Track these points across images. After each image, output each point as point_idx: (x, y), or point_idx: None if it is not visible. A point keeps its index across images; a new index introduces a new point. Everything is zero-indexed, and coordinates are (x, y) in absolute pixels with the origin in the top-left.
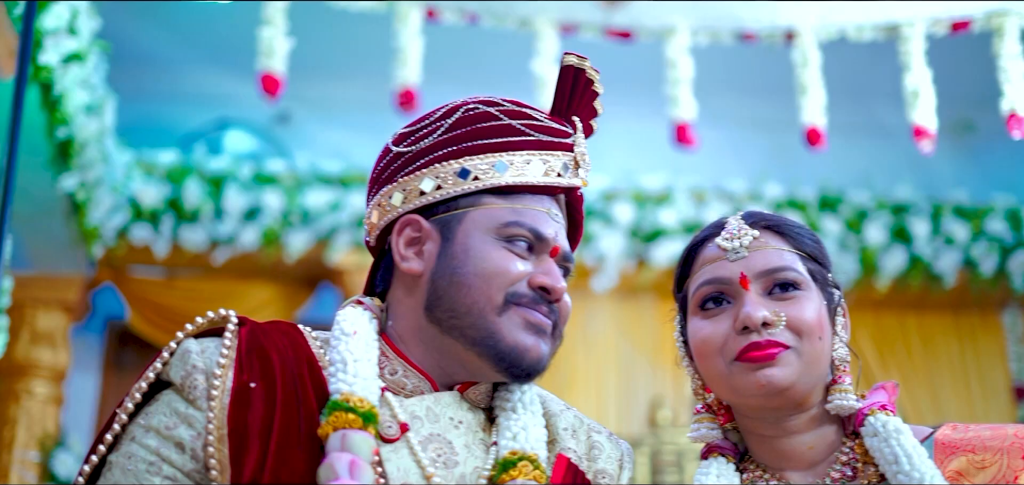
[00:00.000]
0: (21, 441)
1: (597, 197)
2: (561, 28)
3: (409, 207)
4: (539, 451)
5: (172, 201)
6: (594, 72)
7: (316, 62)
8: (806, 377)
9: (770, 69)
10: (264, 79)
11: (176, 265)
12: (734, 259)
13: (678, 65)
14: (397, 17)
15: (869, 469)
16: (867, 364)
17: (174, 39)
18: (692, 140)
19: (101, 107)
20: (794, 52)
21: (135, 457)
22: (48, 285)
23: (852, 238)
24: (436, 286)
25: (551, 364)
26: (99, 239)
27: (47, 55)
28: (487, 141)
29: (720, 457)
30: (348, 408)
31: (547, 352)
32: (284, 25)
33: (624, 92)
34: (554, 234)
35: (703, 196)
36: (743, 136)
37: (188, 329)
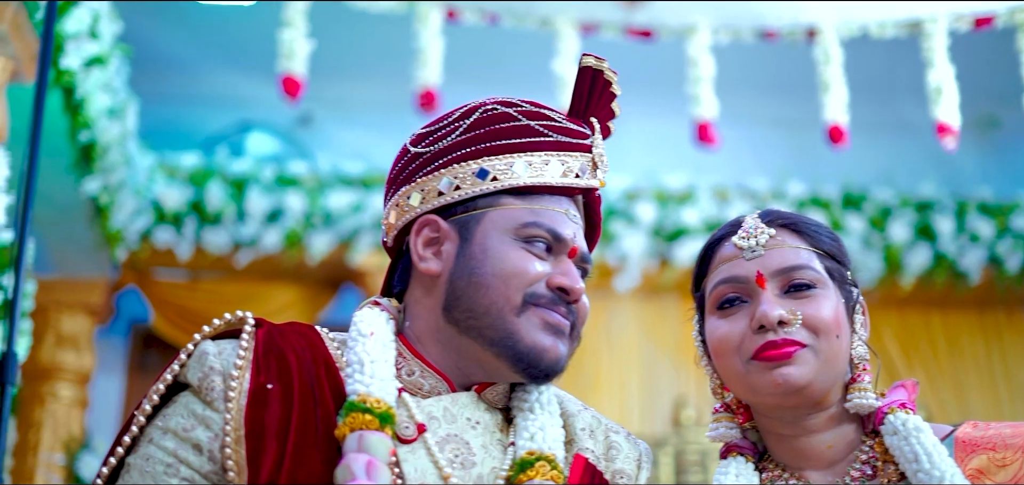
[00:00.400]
0: (46, 444)
1: (619, 197)
2: (581, 28)
3: (427, 207)
4: (557, 451)
5: (195, 204)
6: (612, 73)
7: (338, 64)
8: (823, 376)
9: (792, 67)
10: (285, 81)
11: (199, 268)
12: (750, 258)
13: (699, 64)
14: (417, 18)
15: (889, 468)
16: (892, 363)
17: (196, 42)
18: (714, 139)
19: (123, 110)
20: (816, 50)
21: (153, 459)
22: (72, 288)
23: (876, 236)
24: (454, 286)
25: (574, 365)
26: (122, 242)
27: (69, 59)
28: (506, 142)
29: (739, 457)
30: (365, 409)
31: (565, 353)
32: (304, 27)
33: (646, 91)
34: (572, 235)
35: (726, 195)
36: (765, 134)
37: (205, 331)
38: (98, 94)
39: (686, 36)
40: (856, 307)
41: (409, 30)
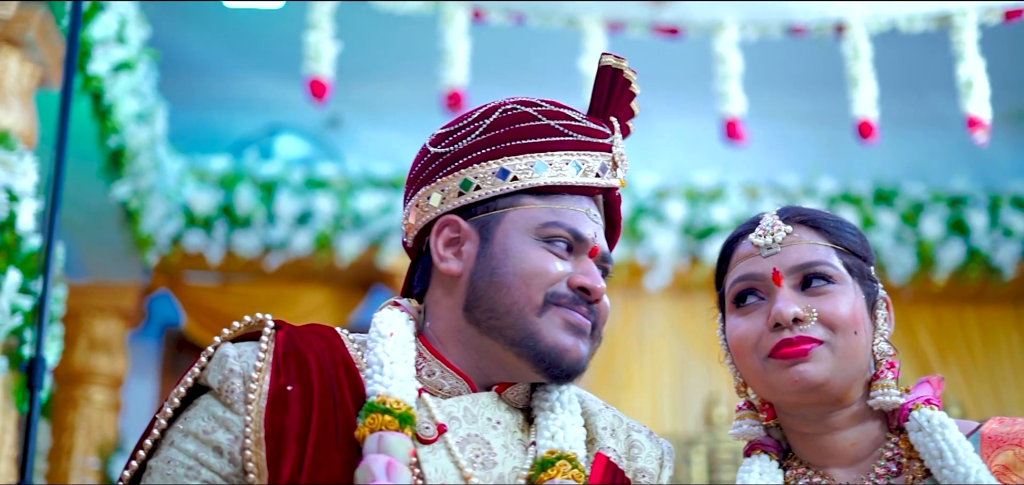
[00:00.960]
0: (80, 448)
1: (649, 195)
2: (608, 26)
3: (448, 207)
4: (578, 450)
5: (225, 207)
6: (631, 72)
7: (366, 66)
8: (842, 372)
9: (823, 62)
10: (312, 84)
11: (230, 271)
12: (767, 255)
13: (727, 61)
14: (443, 18)
15: (914, 465)
16: (926, 360)
17: (224, 46)
18: (742, 136)
19: (152, 115)
20: (844, 45)
21: (174, 461)
22: (104, 293)
23: (908, 231)
24: (475, 286)
25: (605, 364)
26: (153, 246)
27: (97, 64)
28: (526, 141)
29: (763, 455)
30: (384, 410)
31: (586, 353)
32: (331, 29)
33: (675, 89)
34: (593, 234)
35: (756, 192)
36: (796, 130)
37: (225, 334)
38: (126, 99)
39: (713, 33)
40: (878, 303)
41: (436, 31)
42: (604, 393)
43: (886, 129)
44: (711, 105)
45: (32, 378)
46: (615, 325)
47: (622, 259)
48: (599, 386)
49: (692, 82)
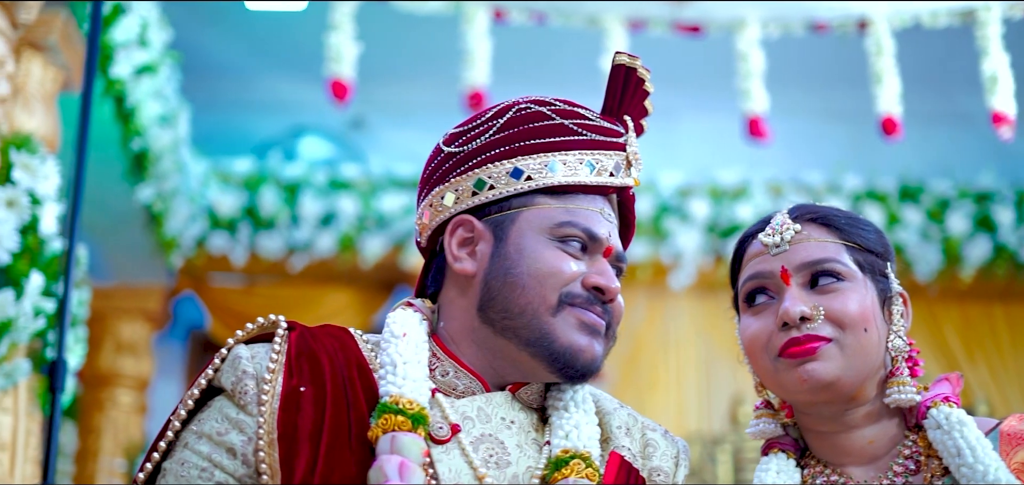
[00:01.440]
0: (107, 450)
1: (673, 193)
2: (629, 25)
3: (461, 207)
4: (592, 449)
5: (248, 209)
6: (645, 71)
7: (389, 66)
8: (852, 370)
9: (847, 59)
10: (334, 85)
11: (255, 273)
12: (775, 253)
13: (749, 58)
14: (464, 18)
15: (933, 462)
16: (954, 357)
17: (247, 48)
18: (765, 133)
19: (175, 118)
20: (867, 41)
21: (188, 463)
22: (129, 295)
23: (934, 228)
24: (489, 286)
25: (631, 364)
26: (178, 249)
27: (119, 67)
28: (539, 141)
29: (780, 453)
30: (397, 410)
31: (601, 352)
32: (352, 30)
33: (699, 87)
34: (607, 234)
35: (780, 190)
36: (821, 127)
37: (238, 335)
38: (149, 102)
39: (735, 30)
40: (894, 299)
41: (459, 31)
42: (629, 392)
43: (911, 125)
44: (735, 103)
45: (54, 380)
46: (639, 324)
47: (646, 258)
48: (624, 385)
49: (716, 80)
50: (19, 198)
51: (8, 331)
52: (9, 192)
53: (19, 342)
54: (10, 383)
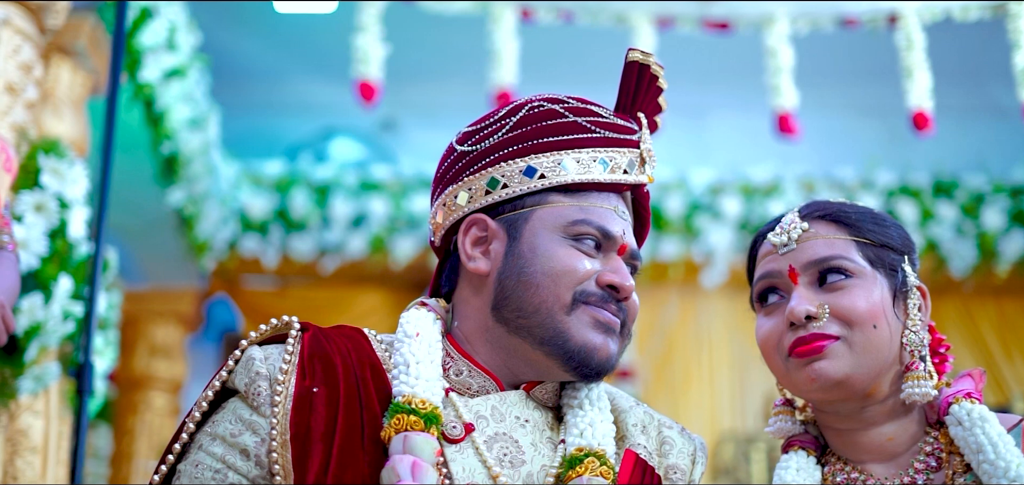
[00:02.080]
0: (141, 452)
1: (704, 191)
2: (657, 22)
3: (475, 206)
4: (607, 447)
5: (280, 211)
6: (658, 67)
7: (419, 67)
8: (862, 367)
9: (879, 54)
10: (361, 87)
11: (287, 274)
12: (784, 252)
13: (778, 54)
14: (491, 18)
15: (955, 459)
16: (990, 353)
17: (278, 51)
18: (795, 129)
19: (204, 121)
20: (898, 35)
21: (202, 465)
22: (162, 299)
23: (969, 223)
24: (503, 286)
25: (664, 362)
26: (209, 251)
27: (147, 71)
28: (553, 139)
29: (800, 451)
30: (410, 410)
31: (615, 351)
32: (379, 31)
33: (730, 84)
34: (621, 232)
35: (812, 186)
36: (854, 123)
37: (252, 337)
38: (178, 106)
39: (764, 27)
40: (910, 294)
41: (486, 31)
42: (663, 392)
43: (945, 120)
44: (767, 100)
45: (81, 383)
46: (672, 323)
47: (678, 256)
48: (658, 385)
49: (747, 77)
50: (47, 202)
51: (37, 335)
52: (38, 196)
53: (49, 346)
54: (40, 387)
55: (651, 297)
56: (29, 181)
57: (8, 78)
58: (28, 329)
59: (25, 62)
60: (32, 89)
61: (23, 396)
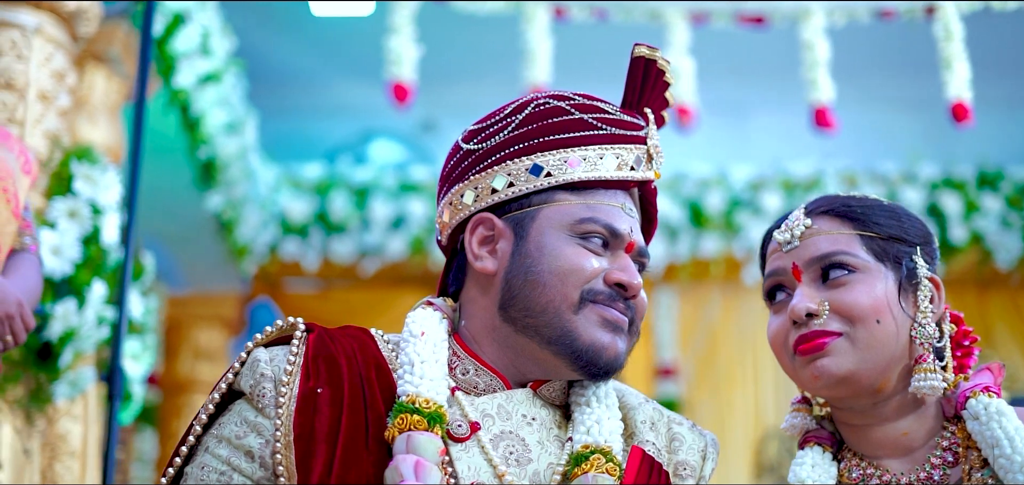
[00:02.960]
0: None
1: (744, 187)
2: (692, 18)
3: (481, 205)
4: (614, 444)
5: (320, 214)
6: (665, 62)
7: (458, 67)
8: (867, 363)
9: (922, 46)
10: (395, 88)
11: (327, 277)
12: (787, 250)
13: (814, 47)
14: (524, 18)
15: (972, 454)
16: None
17: (316, 54)
18: (832, 123)
19: (241, 125)
20: (936, 26)
21: (207, 467)
22: (205, 303)
23: (1014, 215)
24: (510, 285)
25: (707, 360)
26: (250, 255)
27: (182, 77)
28: (559, 136)
29: (816, 447)
30: (413, 409)
31: (624, 349)
32: (412, 32)
33: (770, 80)
34: (629, 229)
35: (854, 180)
36: (897, 116)
37: (257, 338)
38: (214, 110)
39: (799, 20)
40: (920, 286)
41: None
42: (706, 389)
43: (989, 111)
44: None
45: (111, 388)
46: (715, 320)
47: (719, 253)
48: (701, 383)
49: (788, 72)
50: (81, 208)
51: (71, 340)
52: (71, 203)
53: (83, 351)
54: (76, 392)
55: (693, 295)
56: (62, 188)
57: (41, 86)
58: (62, 335)
59: (57, 70)
60: (65, 97)
61: (59, 401)
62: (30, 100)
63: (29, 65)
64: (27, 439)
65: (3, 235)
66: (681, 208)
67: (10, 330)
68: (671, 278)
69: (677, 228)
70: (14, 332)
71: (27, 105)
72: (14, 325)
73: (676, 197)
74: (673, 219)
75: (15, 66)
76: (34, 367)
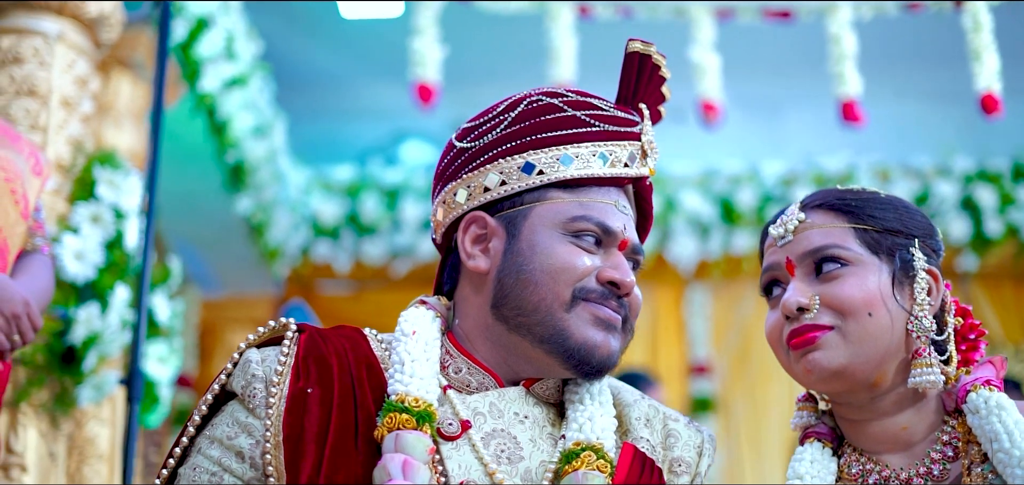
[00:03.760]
0: None
1: (776, 182)
2: (718, 14)
3: (474, 204)
4: (605, 441)
5: (351, 216)
6: (660, 57)
7: (486, 67)
8: (860, 357)
9: (955, 38)
10: (419, 89)
11: (360, 279)
12: (781, 245)
13: (841, 41)
14: (549, 16)
15: (973, 449)
16: None
17: (346, 57)
18: (859, 117)
19: (269, 128)
20: (964, 17)
21: (199, 468)
22: (239, 306)
23: None
24: (503, 284)
25: (742, 356)
26: (281, 258)
27: (207, 81)
28: (551, 134)
29: (816, 442)
30: (402, 408)
31: (617, 348)
32: (436, 33)
33: (803, 75)
34: (622, 227)
35: (887, 174)
36: (930, 109)
37: (250, 339)
38: (241, 114)
39: (826, 14)
40: (916, 279)
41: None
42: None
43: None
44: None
45: (130, 391)
46: (748, 317)
47: (751, 249)
48: (735, 380)
49: (819, 66)
50: (103, 213)
51: (95, 344)
52: (94, 208)
53: (107, 355)
54: (100, 396)
55: (726, 292)
56: (85, 193)
57: (64, 93)
58: (86, 339)
59: (80, 76)
60: (88, 102)
61: (83, 405)
62: (53, 106)
63: (52, 72)
64: (52, 442)
65: (12, 236)
66: (713, 205)
67: (17, 330)
68: (703, 275)
69: (709, 225)
70: (21, 332)
71: (50, 111)
72: (21, 324)
73: (708, 194)
74: (705, 216)
75: (38, 73)
76: (58, 371)
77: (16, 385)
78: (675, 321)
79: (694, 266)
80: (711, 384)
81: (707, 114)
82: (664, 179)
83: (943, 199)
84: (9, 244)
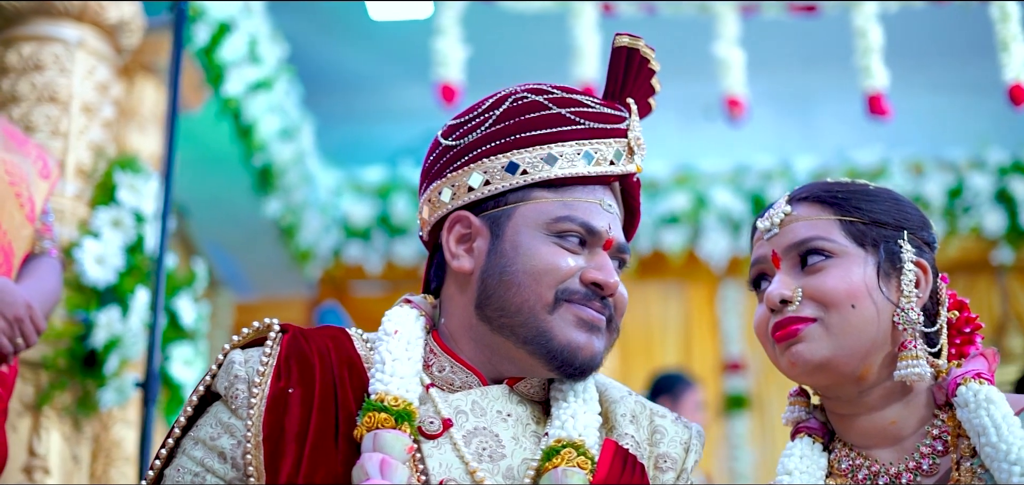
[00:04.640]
0: None
1: (808, 178)
2: (742, 10)
3: (458, 203)
4: (587, 437)
5: (382, 218)
6: (648, 50)
7: (510, 66)
8: (844, 349)
9: (986, 29)
10: (442, 89)
11: (392, 279)
12: (768, 238)
13: (867, 34)
14: (572, 15)
15: (962, 443)
16: None
17: (374, 58)
18: (886, 110)
19: (296, 131)
20: (991, 8)
21: (183, 469)
22: (272, 308)
23: None
24: (486, 284)
25: None
26: (313, 260)
27: (231, 85)
28: (535, 133)
29: (807, 437)
30: (381, 407)
31: (601, 349)
32: (458, 33)
33: (835, 68)
34: (607, 226)
35: (921, 167)
36: (964, 101)
37: (234, 340)
38: (267, 117)
39: (851, 7)
40: (904, 271)
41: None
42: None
43: None
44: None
45: (147, 394)
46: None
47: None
48: (768, 377)
49: (850, 60)
50: (124, 217)
51: (116, 347)
52: (114, 212)
53: (129, 358)
54: (122, 399)
55: None
56: (106, 197)
57: (84, 98)
58: (107, 342)
59: (101, 82)
60: (108, 108)
61: (105, 408)
62: (74, 112)
63: (72, 78)
64: (75, 446)
65: (17, 239)
66: (744, 201)
67: (20, 333)
68: (735, 272)
69: (740, 221)
70: (24, 334)
71: (71, 117)
72: (24, 327)
73: (739, 190)
74: (736, 212)
75: (58, 80)
76: (80, 375)
77: (38, 388)
78: (708, 318)
79: (726, 263)
80: (745, 381)
81: (732, 110)
82: (695, 176)
83: (977, 192)
84: (15, 247)
